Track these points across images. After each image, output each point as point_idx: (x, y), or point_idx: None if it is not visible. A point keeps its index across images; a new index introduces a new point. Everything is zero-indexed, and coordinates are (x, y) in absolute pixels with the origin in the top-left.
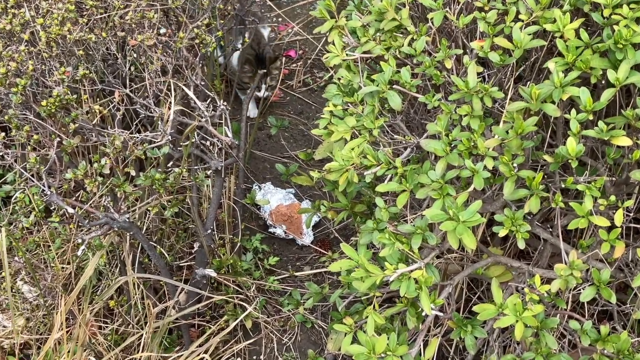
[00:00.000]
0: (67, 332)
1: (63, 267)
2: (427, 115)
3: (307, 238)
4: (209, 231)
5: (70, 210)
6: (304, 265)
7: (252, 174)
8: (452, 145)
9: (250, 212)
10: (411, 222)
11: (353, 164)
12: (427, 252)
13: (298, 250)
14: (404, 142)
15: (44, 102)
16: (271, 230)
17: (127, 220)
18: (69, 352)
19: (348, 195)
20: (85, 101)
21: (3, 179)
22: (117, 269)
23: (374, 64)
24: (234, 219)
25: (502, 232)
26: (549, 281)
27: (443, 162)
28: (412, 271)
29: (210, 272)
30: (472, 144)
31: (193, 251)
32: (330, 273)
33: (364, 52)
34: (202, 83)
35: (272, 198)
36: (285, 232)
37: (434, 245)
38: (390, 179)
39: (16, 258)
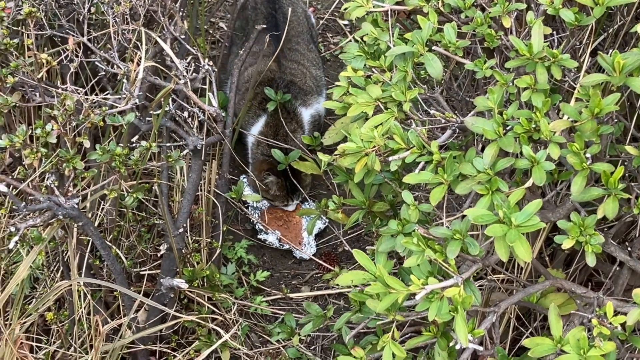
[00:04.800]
0: None
1: None
2: (473, 91)
3: (307, 249)
4: (181, 230)
5: (3, 188)
6: (302, 284)
7: (240, 161)
8: (507, 127)
9: (235, 211)
10: (446, 224)
11: (375, 146)
12: (467, 265)
13: (295, 265)
14: (443, 121)
15: None
16: (261, 236)
17: (76, 206)
18: None
19: (365, 189)
20: (29, 48)
21: None
22: (59, 274)
23: (408, 21)
24: (213, 218)
25: (566, 244)
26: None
27: (494, 147)
28: (445, 288)
29: (180, 283)
30: (534, 125)
31: (159, 255)
32: (336, 297)
33: (397, 3)
34: (183, 37)
35: None
36: (279, 240)
37: (475, 256)
38: (423, 168)
39: None
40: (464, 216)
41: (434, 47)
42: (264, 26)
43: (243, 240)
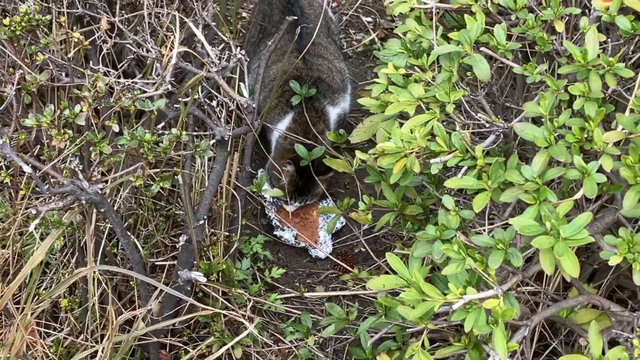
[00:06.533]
0: None
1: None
2: (512, 96)
3: (324, 248)
4: (201, 222)
5: (27, 169)
6: (317, 283)
7: (258, 156)
8: (558, 135)
9: (253, 205)
10: (484, 232)
11: (415, 147)
12: (505, 276)
13: (310, 264)
14: (487, 125)
15: (6, 21)
16: (277, 233)
17: (99, 192)
18: None
19: (397, 191)
20: (61, 26)
21: None
22: (74, 260)
23: (448, 21)
24: (232, 211)
25: (614, 260)
26: None
27: (544, 155)
28: (484, 299)
29: (198, 277)
30: (586, 135)
31: (178, 246)
32: (350, 299)
33: (441, 1)
34: (215, 24)
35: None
36: (295, 238)
37: (516, 268)
38: (466, 173)
39: None
40: (507, 225)
41: (481, 48)
42: (295, 17)
43: (259, 236)
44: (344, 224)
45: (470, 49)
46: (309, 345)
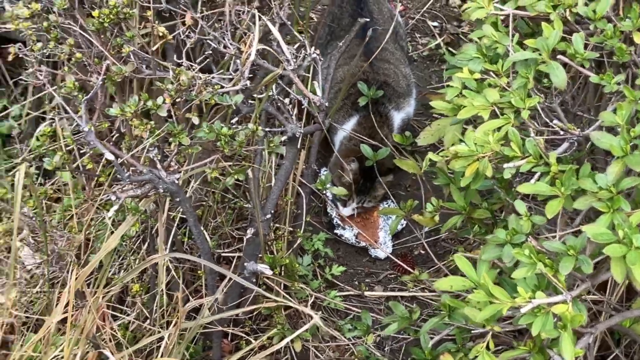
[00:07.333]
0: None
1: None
2: (585, 105)
3: (384, 249)
4: (269, 216)
5: (110, 156)
6: (375, 283)
7: (320, 154)
8: (633, 145)
9: (315, 203)
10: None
11: (488, 151)
12: (570, 283)
13: (369, 263)
14: (561, 132)
15: (95, 12)
16: (338, 231)
17: (176, 181)
18: (70, 341)
19: (467, 195)
20: (147, 20)
21: (5, 112)
22: (145, 247)
23: (521, 28)
24: (296, 207)
25: None
26: None
27: (619, 164)
28: (552, 304)
29: (265, 269)
30: None
31: (245, 238)
32: (409, 300)
33: (518, 8)
34: (290, 22)
35: None
36: (356, 237)
37: (585, 275)
38: (539, 179)
39: (25, 209)
40: (579, 231)
41: (557, 56)
42: (367, 19)
43: (321, 233)
44: (404, 225)
45: (548, 57)
46: (367, 343)
